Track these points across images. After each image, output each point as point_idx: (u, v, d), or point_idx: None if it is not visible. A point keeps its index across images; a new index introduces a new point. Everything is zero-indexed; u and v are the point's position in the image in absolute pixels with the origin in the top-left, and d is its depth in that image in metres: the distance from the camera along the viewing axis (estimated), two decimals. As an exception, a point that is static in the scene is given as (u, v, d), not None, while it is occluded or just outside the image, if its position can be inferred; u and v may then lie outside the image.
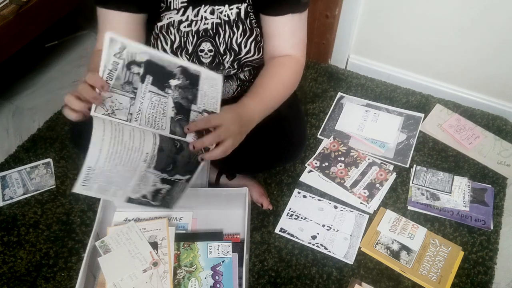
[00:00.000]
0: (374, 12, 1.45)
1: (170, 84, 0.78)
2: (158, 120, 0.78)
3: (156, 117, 0.78)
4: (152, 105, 0.77)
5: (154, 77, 0.76)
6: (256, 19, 0.91)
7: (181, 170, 0.83)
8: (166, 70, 0.76)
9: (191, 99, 0.80)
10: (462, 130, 1.42)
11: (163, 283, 0.98)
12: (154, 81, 0.76)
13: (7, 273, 1.11)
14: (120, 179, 0.77)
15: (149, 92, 0.76)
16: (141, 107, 0.76)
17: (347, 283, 1.09)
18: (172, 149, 0.80)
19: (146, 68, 0.75)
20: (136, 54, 0.73)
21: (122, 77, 0.73)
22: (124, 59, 0.72)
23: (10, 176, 1.30)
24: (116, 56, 0.72)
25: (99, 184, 0.75)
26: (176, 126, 0.80)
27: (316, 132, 1.43)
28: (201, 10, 0.88)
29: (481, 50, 1.38)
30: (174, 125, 0.80)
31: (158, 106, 0.78)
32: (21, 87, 1.60)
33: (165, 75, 0.77)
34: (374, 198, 1.25)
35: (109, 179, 0.76)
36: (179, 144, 0.80)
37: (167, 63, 0.76)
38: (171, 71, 0.77)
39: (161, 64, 0.76)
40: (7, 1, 1.29)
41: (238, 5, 0.88)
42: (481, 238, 1.18)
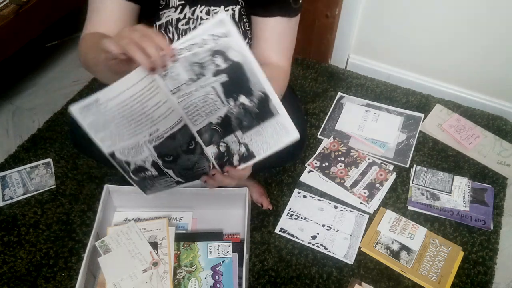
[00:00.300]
0: (374, 12, 1.45)
1: (238, 98, 0.69)
2: (198, 114, 0.71)
3: (198, 111, 0.71)
4: (204, 99, 0.70)
5: (230, 80, 0.67)
6: (249, 23, 0.91)
7: (177, 169, 0.79)
8: (246, 84, 0.68)
9: (245, 125, 0.72)
10: (462, 130, 1.42)
11: (163, 283, 0.98)
12: (225, 83, 0.68)
13: (7, 273, 1.11)
14: (116, 131, 0.71)
15: (211, 88, 0.68)
16: (194, 93, 0.69)
17: (347, 283, 1.09)
18: (183, 145, 0.75)
19: (230, 68, 0.66)
20: (232, 49, 0.64)
21: (199, 58, 0.65)
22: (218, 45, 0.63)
23: (10, 176, 1.30)
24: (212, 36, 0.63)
25: (95, 119, 0.68)
26: (207, 131, 0.74)
27: (316, 132, 1.43)
28: (197, 10, 0.88)
29: (482, 50, 1.38)
30: (206, 129, 0.73)
31: (209, 104, 0.70)
32: (21, 87, 1.60)
33: (241, 87, 0.68)
34: (374, 198, 1.25)
35: (106, 123, 0.69)
36: (193, 145, 0.75)
37: (254, 80, 0.67)
38: (250, 89, 0.68)
39: (247, 76, 0.67)
40: (7, 1, 1.29)
41: (233, 7, 0.89)
42: (481, 238, 1.18)
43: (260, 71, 0.66)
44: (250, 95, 0.69)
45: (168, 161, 0.77)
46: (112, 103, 0.66)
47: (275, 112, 0.69)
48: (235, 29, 0.62)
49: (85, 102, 0.66)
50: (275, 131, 0.71)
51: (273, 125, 0.70)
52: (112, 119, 0.68)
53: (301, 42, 1.60)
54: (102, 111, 0.67)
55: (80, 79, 1.60)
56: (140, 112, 0.68)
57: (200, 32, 0.62)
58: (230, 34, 0.62)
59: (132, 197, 1.11)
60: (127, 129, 0.71)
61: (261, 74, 0.66)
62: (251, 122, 0.71)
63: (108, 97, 0.65)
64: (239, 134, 0.73)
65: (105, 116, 0.68)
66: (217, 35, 0.62)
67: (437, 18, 1.36)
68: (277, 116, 0.69)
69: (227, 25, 0.61)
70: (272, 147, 0.73)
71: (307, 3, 1.48)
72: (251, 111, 0.70)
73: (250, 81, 0.67)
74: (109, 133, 0.71)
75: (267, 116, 0.70)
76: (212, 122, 0.73)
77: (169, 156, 0.76)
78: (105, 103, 0.66)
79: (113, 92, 0.65)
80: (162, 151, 0.75)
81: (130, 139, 0.72)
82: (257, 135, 0.73)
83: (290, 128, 0.70)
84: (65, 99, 1.53)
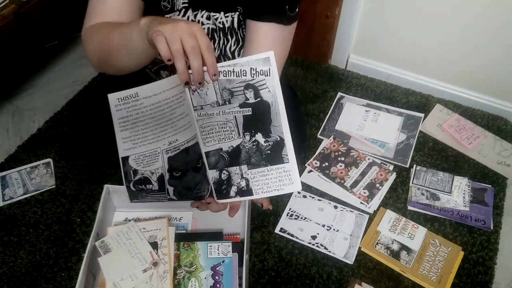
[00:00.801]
0: (374, 12, 1.45)
1: (255, 135, 0.70)
2: (211, 137, 0.72)
3: (212, 134, 0.71)
4: (222, 126, 0.70)
5: (253, 116, 0.68)
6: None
7: (180, 187, 0.78)
8: (267, 125, 0.68)
9: (252, 162, 0.72)
10: (462, 130, 1.42)
11: (163, 283, 0.98)
12: (248, 117, 0.68)
13: (7, 273, 1.11)
14: (142, 132, 0.70)
15: (233, 116, 0.68)
16: (215, 116, 0.69)
17: (347, 283, 1.09)
18: (193, 162, 0.74)
19: (257, 105, 0.66)
20: (267, 88, 0.65)
21: (232, 86, 0.65)
22: (254, 80, 0.64)
23: (10, 176, 1.30)
24: (253, 70, 0.63)
25: (127, 115, 0.68)
26: (214, 155, 0.74)
27: (316, 132, 1.43)
28: (198, 14, 0.89)
29: (482, 50, 1.38)
30: (214, 153, 0.74)
31: (225, 131, 0.71)
32: (21, 87, 1.60)
33: (261, 126, 0.69)
34: (374, 198, 1.25)
35: (136, 122, 0.69)
36: (200, 164, 0.75)
37: (276, 124, 0.67)
38: (270, 130, 0.69)
39: (270, 117, 0.67)
40: (7, 1, 1.29)
41: (232, 14, 0.89)
42: (481, 238, 1.18)
43: (285, 116, 0.67)
44: (267, 136, 0.69)
45: (176, 176, 0.76)
46: (149, 101, 0.66)
47: (286, 159, 0.70)
48: (275, 69, 0.62)
49: (125, 93, 0.66)
50: (280, 177, 0.72)
51: (279, 170, 0.71)
52: (143, 118, 0.68)
53: (301, 42, 1.61)
54: (137, 107, 0.67)
55: (80, 79, 1.60)
56: (168, 117, 0.69)
57: (242, 62, 0.63)
58: (271, 74, 0.63)
59: (132, 197, 1.11)
60: (152, 132, 0.70)
61: (285, 121, 0.67)
62: (259, 161, 0.72)
63: (148, 94, 0.65)
64: (244, 168, 0.74)
65: (138, 113, 0.68)
66: (258, 71, 0.63)
67: (437, 18, 1.37)
68: (286, 164, 0.70)
69: (272, 64, 0.62)
70: (272, 192, 0.74)
71: (307, 3, 1.48)
72: (263, 151, 0.71)
73: (272, 123, 0.68)
74: (134, 133, 0.71)
75: (277, 160, 0.71)
76: (222, 149, 0.73)
77: (178, 172, 0.76)
78: (143, 100, 0.66)
79: (153, 90, 0.65)
80: (174, 164, 0.75)
81: (152, 143, 0.72)
82: (261, 175, 0.73)
83: (295, 179, 0.71)
84: (65, 99, 1.53)
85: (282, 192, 0.74)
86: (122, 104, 0.67)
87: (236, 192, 0.77)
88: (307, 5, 1.49)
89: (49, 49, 1.72)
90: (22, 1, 1.31)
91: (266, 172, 0.72)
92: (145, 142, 0.72)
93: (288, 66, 1.64)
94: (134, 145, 0.72)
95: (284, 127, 0.68)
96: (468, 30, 1.35)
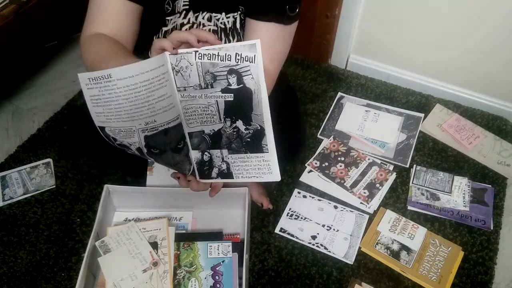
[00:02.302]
0: (374, 12, 1.45)
1: (236, 122, 0.69)
2: (194, 119, 0.71)
3: (195, 117, 0.71)
4: (204, 109, 0.69)
5: (234, 102, 0.67)
6: None
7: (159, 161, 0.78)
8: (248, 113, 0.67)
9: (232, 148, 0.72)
10: (462, 130, 1.42)
11: (163, 283, 0.98)
12: (229, 103, 0.67)
13: (7, 273, 1.11)
14: (115, 111, 0.69)
15: (214, 100, 0.68)
16: (197, 99, 0.68)
17: (347, 283, 1.09)
18: (172, 143, 0.74)
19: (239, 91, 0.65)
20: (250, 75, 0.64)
21: (215, 70, 0.65)
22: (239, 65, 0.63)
23: (10, 176, 1.30)
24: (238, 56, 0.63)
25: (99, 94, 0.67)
26: (197, 137, 0.73)
27: (316, 132, 1.43)
28: (200, 16, 0.88)
29: (482, 50, 1.38)
30: (197, 135, 0.73)
31: (207, 115, 0.70)
32: (21, 87, 1.60)
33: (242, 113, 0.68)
34: (374, 198, 1.25)
35: (109, 101, 0.68)
36: (182, 145, 0.75)
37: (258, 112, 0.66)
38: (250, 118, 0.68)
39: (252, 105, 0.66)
40: (7, 1, 1.29)
41: (234, 14, 0.89)
42: (481, 238, 1.18)
43: (267, 106, 0.67)
44: (248, 124, 0.69)
45: (154, 152, 0.76)
46: (123, 83, 0.65)
47: (266, 149, 0.70)
48: (261, 57, 0.62)
49: (96, 73, 0.65)
50: (259, 166, 0.72)
51: (259, 159, 0.71)
52: (116, 98, 0.67)
53: (301, 42, 1.61)
54: (109, 88, 0.66)
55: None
56: (145, 99, 0.68)
57: (228, 46, 0.62)
58: (256, 61, 0.62)
59: (132, 197, 1.11)
60: (126, 112, 0.69)
61: (267, 109, 0.67)
62: (239, 147, 0.72)
63: (122, 75, 0.64)
64: (224, 152, 0.73)
65: (110, 94, 0.67)
66: (243, 56, 0.62)
67: (438, 18, 1.36)
68: (266, 153, 0.70)
69: (257, 51, 0.61)
70: (251, 178, 0.74)
71: (307, 3, 1.48)
72: (243, 138, 0.70)
73: (254, 111, 0.67)
74: (107, 110, 0.69)
75: (257, 149, 0.71)
76: (205, 131, 0.73)
77: (156, 149, 0.75)
78: (116, 81, 0.65)
79: (128, 72, 0.64)
80: (151, 142, 0.74)
81: (126, 122, 0.71)
82: (241, 161, 0.73)
83: (275, 170, 0.71)
84: (65, 99, 1.53)
85: (261, 180, 0.74)
86: (93, 84, 0.66)
87: (217, 174, 0.77)
88: (307, 5, 1.49)
89: (49, 49, 1.72)
90: (22, 1, 1.31)
91: (245, 158, 0.72)
92: (119, 120, 0.71)
93: (288, 66, 1.64)
94: (108, 120, 0.71)
95: (266, 117, 0.67)
96: (468, 30, 1.35)
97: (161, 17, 0.88)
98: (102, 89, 0.66)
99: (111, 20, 0.83)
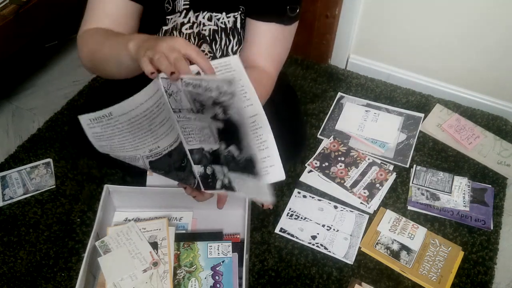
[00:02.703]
0: (374, 12, 1.45)
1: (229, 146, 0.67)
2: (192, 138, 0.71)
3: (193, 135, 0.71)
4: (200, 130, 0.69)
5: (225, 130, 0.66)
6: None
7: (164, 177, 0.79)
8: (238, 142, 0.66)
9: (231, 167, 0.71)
10: (462, 130, 1.42)
11: (163, 283, 0.98)
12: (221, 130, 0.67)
13: (7, 273, 1.11)
14: (118, 144, 0.69)
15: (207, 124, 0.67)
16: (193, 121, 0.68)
17: (347, 283, 1.09)
18: (176, 163, 0.74)
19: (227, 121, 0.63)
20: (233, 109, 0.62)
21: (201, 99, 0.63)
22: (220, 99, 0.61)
23: (10, 176, 1.30)
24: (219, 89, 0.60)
25: (102, 131, 0.67)
26: (198, 153, 0.73)
27: (316, 132, 1.43)
28: (200, 15, 0.88)
29: (482, 50, 1.38)
30: (197, 151, 0.73)
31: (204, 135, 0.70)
32: (21, 87, 1.60)
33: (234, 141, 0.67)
34: (374, 198, 1.25)
35: (112, 136, 0.68)
36: (185, 163, 0.75)
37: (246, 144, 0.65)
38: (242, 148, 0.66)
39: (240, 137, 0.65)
40: (7, 1, 1.29)
41: (235, 14, 0.89)
42: (481, 238, 1.18)
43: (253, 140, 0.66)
44: (240, 151, 0.67)
45: (159, 173, 0.77)
46: (124, 118, 0.65)
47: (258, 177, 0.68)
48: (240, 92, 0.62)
49: (97, 114, 0.64)
50: (256, 187, 0.71)
51: (254, 182, 0.70)
52: (119, 133, 0.67)
53: (301, 42, 1.61)
54: (112, 125, 0.66)
55: (80, 79, 1.60)
56: (147, 128, 0.68)
57: (208, 79, 0.61)
58: (234, 96, 0.60)
59: (132, 197, 1.11)
60: (130, 144, 0.70)
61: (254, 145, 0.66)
62: (235, 169, 0.71)
63: (122, 111, 0.64)
64: (225, 169, 0.73)
65: (113, 130, 0.67)
66: (222, 91, 0.60)
67: (438, 18, 1.36)
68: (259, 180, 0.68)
69: (233, 87, 0.59)
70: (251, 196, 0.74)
71: (307, 3, 1.48)
72: (238, 162, 0.69)
73: (243, 142, 0.65)
74: (111, 144, 0.70)
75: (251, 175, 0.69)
76: (204, 149, 0.72)
77: (161, 171, 0.76)
78: (117, 117, 0.65)
79: (127, 107, 0.64)
80: (156, 166, 0.75)
81: (130, 152, 0.72)
82: (240, 179, 0.72)
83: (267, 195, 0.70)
84: (65, 99, 1.53)
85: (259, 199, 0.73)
86: (95, 123, 0.66)
87: (221, 186, 0.77)
88: (307, 5, 1.49)
89: (49, 49, 1.72)
90: (22, 1, 1.31)
91: (244, 178, 0.71)
92: (123, 150, 0.71)
93: (288, 66, 1.64)
94: (112, 150, 0.72)
95: (254, 149, 0.66)
96: (468, 29, 1.35)
97: (161, 16, 0.88)
98: (104, 126, 0.66)
99: (107, 19, 0.82)
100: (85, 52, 0.81)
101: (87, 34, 0.82)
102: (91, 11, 0.84)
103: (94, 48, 0.78)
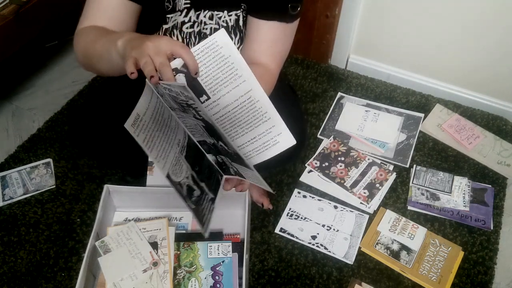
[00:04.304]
0: (374, 12, 1.45)
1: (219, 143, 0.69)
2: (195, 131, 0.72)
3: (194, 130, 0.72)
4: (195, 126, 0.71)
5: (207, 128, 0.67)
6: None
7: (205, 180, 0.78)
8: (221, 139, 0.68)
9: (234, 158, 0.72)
10: (462, 130, 1.42)
11: (163, 283, 0.98)
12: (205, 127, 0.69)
13: (7, 273, 1.11)
14: (160, 145, 0.70)
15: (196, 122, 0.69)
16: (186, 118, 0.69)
17: (347, 283, 1.09)
18: (197, 154, 0.75)
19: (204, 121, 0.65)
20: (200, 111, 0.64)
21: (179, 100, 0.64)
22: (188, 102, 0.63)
23: (10, 176, 1.30)
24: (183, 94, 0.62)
25: (146, 135, 0.67)
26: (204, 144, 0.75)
27: (316, 132, 1.43)
28: (201, 14, 0.88)
29: (481, 50, 1.38)
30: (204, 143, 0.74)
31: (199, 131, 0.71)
32: (21, 87, 1.60)
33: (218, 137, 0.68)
34: (374, 198, 1.25)
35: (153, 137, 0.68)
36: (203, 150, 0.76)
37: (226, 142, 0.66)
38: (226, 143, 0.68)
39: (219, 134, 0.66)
40: (7, 1, 1.29)
41: (236, 12, 0.89)
42: (481, 238, 1.18)
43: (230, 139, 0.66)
44: (227, 146, 0.68)
45: (197, 170, 0.77)
46: (147, 115, 0.66)
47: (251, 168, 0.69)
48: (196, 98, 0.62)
49: (131, 118, 0.65)
50: (254, 176, 0.71)
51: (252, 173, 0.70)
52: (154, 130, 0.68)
53: (301, 42, 1.61)
54: (146, 125, 0.67)
55: (80, 79, 1.60)
56: (164, 123, 0.69)
57: (174, 84, 0.62)
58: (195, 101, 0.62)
59: (132, 197, 1.11)
60: (165, 141, 0.70)
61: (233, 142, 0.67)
62: (234, 160, 0.72)
63: (142, 109, 0.65)
64: (228, 159, 0.74)
65: (149, 129, 0.67)
66: (184, 95, 0.62)
67: (438, 18, 1.36)
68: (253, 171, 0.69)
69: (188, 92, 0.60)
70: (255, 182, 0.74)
71: (307, 3, 1.48)
72: (231, 155, 0.70)
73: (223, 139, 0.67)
74: (157, 147, 0.70)
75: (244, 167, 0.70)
76: (207, 142, 0.73)
77: (196, 166, 0.76)
78: (143, 116, 0.66)
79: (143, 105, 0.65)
80: (189, 160, 0.75)
81: (170, 152, 0.72)
82: (241, 169, 0.73)
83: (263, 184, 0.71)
84: (65, 99, 1.53)
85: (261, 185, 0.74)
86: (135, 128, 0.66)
87: (234, 172, 0.78)
88: (307, 5, 1.49)
89: (49, 49, 1.72)
90: (22, 1, 1.31)
91: (243, 168, 0.72)
92: (166, 152, 0.72)
93: (288, 65, 1.64)
94: (164, 159, 0.72)
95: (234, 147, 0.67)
96: (468, 29, 1.35)
97: (161, 15, 0.88)
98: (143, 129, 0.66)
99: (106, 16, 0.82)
100: (80, 49, 0.81)
101: (83, 31, 0.83)
102: (89, 9, 0.84)
103: (88, 45, 0.78)
